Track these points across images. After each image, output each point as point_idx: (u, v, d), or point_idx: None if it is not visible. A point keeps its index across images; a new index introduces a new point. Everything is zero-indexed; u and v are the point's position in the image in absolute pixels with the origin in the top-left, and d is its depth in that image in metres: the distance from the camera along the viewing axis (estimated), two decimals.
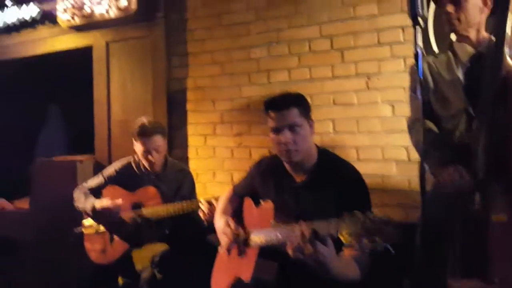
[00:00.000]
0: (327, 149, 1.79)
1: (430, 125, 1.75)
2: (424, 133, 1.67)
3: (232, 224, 1.77)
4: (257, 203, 1.85)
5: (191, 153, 2.99)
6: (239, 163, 2.84)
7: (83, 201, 2.43)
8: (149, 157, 2.37)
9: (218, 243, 1.87)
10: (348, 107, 2.51)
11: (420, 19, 1.42)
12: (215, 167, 2.91)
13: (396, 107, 2.39)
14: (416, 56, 1.43)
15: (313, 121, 1.66)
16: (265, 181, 1.79)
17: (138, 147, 2.39)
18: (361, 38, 2.46)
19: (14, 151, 3.80)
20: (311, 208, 1.55)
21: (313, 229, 1.30)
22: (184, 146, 2.99)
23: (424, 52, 1.52)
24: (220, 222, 1.85)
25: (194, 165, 2.96)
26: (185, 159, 2.97)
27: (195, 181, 2.65)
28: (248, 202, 1.88)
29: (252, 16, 2.76)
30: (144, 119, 2.40)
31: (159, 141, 2.37)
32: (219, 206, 1.98)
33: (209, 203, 2.21)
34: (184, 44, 2.98)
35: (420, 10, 1.42)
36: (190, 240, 2.52)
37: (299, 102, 1.61)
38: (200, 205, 2.23)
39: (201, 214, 2.23)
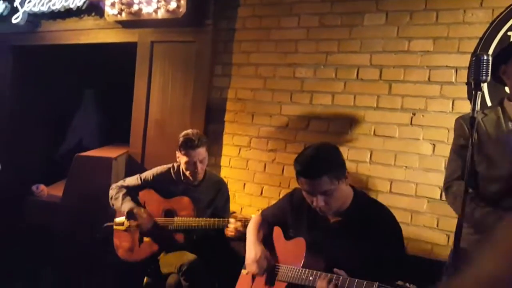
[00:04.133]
0: (363, 191, 1.79)
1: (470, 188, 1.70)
2: (470, 200, 1.59)
3: (268, 258, 1.82)
4: (286, 234, 1.89)
5: (224, 161, 3.02)
6: (270, 178, 2.87)
7: (120, 201, 2.50)
8: (195, 168, 2.43)
9: (241, 258, 1.93)
10: (388, 139, 2.50)
11: (482, 85, 1.41)
12: (246, 178, 2.95)
13: (437, 147, 2.38)
14: (472, 121, 1.43)
15: (349, 174, 1.64)
16: (298, 216, 1.80)
17: (182, 158, 2.44)
18: (412, 73, 2.43)
19: (47, 133, 3.88)
20: (344, 249, 1.57)
21: (336, 285, 1.42)
22: (218, 154, 3.03)
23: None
24: (256, 250, 1.86)
25: (225, 174, 3.00)
26: (218, 166, 3.01)
27: None
28: (277, 232, 1.91)
29: (303, 34, 2.73)
30: (189, 131, 2.44)
31: (204, 153, 2.44)
32: (252, 232, 1.98)
33: (240, 221, 2.27)
34: (229, 54, 2.96)
35: (484, 77, 1.40)
36: (215, 249, 2.60)
37: (330, 169, 1.57)
38: (230, 224, 2.28)
39: (227, 231, 2.29)
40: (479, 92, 1.44)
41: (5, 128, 3.55)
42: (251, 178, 2.94)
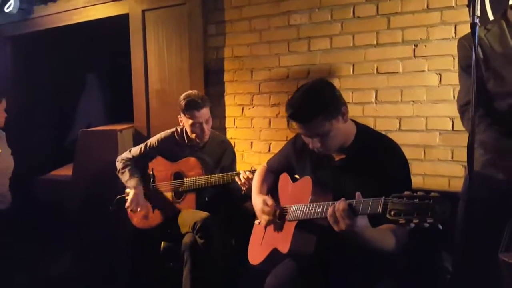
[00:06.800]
0: (367, 126, 1.69)
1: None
2: (479, 119, 1.55)
3: (270, 202, 1.78)
4: (293, 178, 1.86)
5: (228, 123, 2.99)
6: (276, 133, 2.83)
7: (127, 176, 2.51)
8: (201, 130, 2.38)
9: (254, 212, 1.90)
10: (392, 76, 2.42)
11: None
12: (253, 137, 2.92)
13: (443, 76, 2.29)
14: (473, 27, 1.34)
15: (346, 108, 1.52)
16: (302, 159, 1.76)
17: (187, 121, 2.38)
18: (409, 3, 2.33)
19: (52, 121, 3.92)
20: (350, 186, 1.51)
21: (350, 204, 1.34)
22: (222, 116, 3.00)
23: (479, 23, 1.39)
24: (258, 201, 1.85)
25: (231, 135, 2.98)
26: (222, 129, 2.99)
27: None
28: (284, 177, 1.88)
29: None
30: (189, 92, 2.40)
31: (208, 113, 2.39)
32: (255, 184, 1.97)
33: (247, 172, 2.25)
34: (221, 11, 2.91)
35: None
36: (228, 207, 2.59)
37: (321, 110, 1.46)
38: (241, 175, 2.26)
39: (237, 181, 2.27)
40: None
41: (12, 118, 3.59)
42: (257, 136, 2.90)
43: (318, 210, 1.50)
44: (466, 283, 1.62)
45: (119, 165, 2.58)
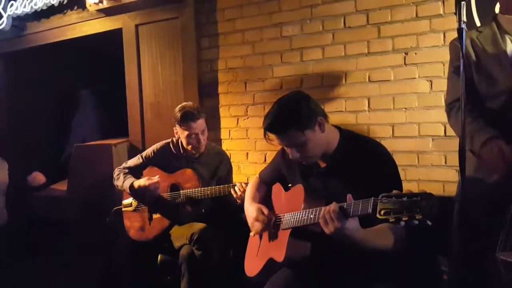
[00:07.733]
0: (351, 131, 1.69)
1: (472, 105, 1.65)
2: (467, 113, 1.60)
3: (265, 210, 1.79)
4: (285, 188, 1.86)
5: (223, 134, 3.01)
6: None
7: (122, 180, 2.50)
8: (197, 141, 2.39)
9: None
10: (384, 83, 2.46)
11: None
12: (248, 148, 2.93)
13: (434, 83, 2.33)
14: (460, 32, 1.38)
15: (323, 119, 1.54)
16: (292, 168, 1.77)
17: (182, 133, 2.39)
18: (399, 12, 2.38)
19: (47, 138, 3.90)
20: (339, 191, 1.51)
21: (340, 207, 1.35)
22: (217, 128, 3.01)
23: (466, 28, 1.43)
24: (252, 209, 1.85)
25: (227, 146, 2.98)
26: (218, 140, 3.00)
27: None
28: (277, 188, 1.89)
29: None
30: (185, 104, 2.42)
31: (204, 124, 2.41)
32: (248, 194, 1.97)
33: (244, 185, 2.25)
34: (214, 24, 2.95)
35: None
36: (225, 219, 2.58)
37: (296, 121, 1.50)
38: (236, 187, 2.26)
39: (233, 193, 2.27)
40: (463, 2, 1.40)
41: (5, 134, 3.57)
42: (253, 147, 2.92)
43: (311, 216, 1.51)
44: (463, 284, 1.63)
45: (115, 174, 2.58)
